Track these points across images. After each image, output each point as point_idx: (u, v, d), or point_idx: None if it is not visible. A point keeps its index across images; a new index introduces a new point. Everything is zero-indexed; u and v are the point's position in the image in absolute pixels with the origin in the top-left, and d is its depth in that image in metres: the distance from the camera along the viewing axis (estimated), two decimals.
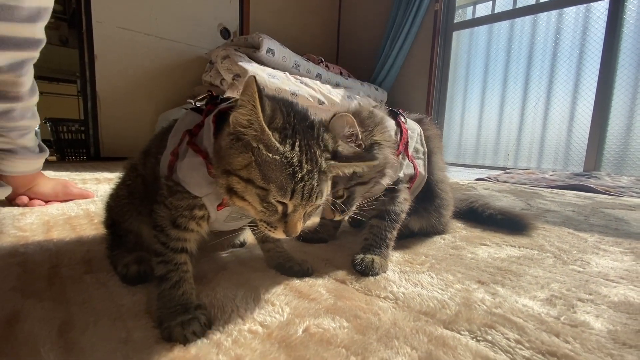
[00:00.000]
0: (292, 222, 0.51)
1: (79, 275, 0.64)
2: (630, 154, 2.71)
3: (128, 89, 2.98)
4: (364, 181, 0.72)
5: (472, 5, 3.53)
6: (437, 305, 0.56)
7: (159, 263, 0.56)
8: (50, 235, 0.87)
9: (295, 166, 0.48)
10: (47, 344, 0.44)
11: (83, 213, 1.10)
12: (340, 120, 0.61)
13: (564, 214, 1.34)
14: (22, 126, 1.07)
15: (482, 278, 0.69)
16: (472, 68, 3.55)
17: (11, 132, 1.05)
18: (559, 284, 0.67)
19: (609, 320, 0.54)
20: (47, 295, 0.56)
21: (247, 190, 0.48)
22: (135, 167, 0.70)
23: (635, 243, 0.97)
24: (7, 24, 0.85)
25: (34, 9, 0.88)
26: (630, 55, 2.66)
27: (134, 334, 0.47)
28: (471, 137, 3.59)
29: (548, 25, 3.07)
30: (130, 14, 2.87)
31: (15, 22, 0.86)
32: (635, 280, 0.70)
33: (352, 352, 0.43)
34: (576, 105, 2.94)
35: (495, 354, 0.44)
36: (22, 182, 1.18)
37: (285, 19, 3.85)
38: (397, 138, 0.81)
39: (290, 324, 0.49)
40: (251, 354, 0.42)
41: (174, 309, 0.50)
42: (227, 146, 0.49)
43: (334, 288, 0.62)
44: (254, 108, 0.45)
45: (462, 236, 0.99)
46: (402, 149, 0.79)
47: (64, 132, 2.94)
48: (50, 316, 0.50)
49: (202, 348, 0.44)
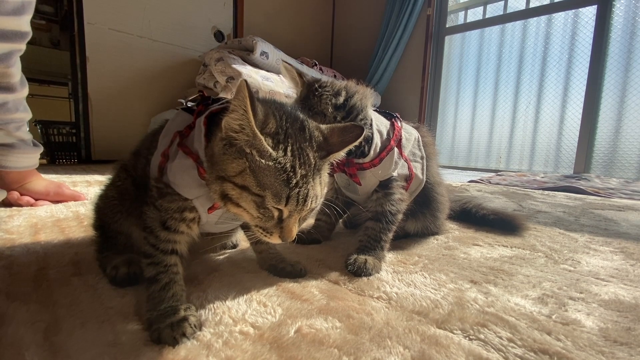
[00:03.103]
0: (287, 228, 0.50)
1: (67, 278, 0.63)
2: (618, 156, 2.76)
3: (120, 91, 2.95)
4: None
5: (463, 10, 3.58)
6: (430, 304, 0.56)
7: (148, 265, 0.55)
8: (37, 238, 0.85)
9: (289, 172, 0.47)
10: (31, 347, 0.42)
11: (72, 215, 1.08)
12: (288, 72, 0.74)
13: (554, 215, 1.36)
14: (18, 118, 1.12)
15: (475, 278, 0.69)
16: (464, 72, 3.59)
17: (9, 124, 1.10)
18: (551, 283, 0.67)
19: (600, 318, 0.54)
20: (33, 297, 0.55)
21: (242, 197, 0.48)
22: (125, 168, 0.69)
23: (624, 243, 0.98)
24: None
25: (19, 2, 0.94)
26: (617, 60, 2.72)
27: (122, 337, 0.46)
28: (464, 139, 3.63)
29: (538, 30, 3.12)
30: (122, 16, 2.85)
31: (1, 16, 0.92)
32: (625, 279, 0.71)
33: (345, 352, 0.43)
34: (566, 108, 2.99)
35: (487, 353, 0.44)
36: (15, 178, 1.18)
37: (279, 22, 3.86)
38: (389, 135, 0.81)
39: (282, 325, 0.49)
40: (242, 355, 0.42)
41: (163, 311, 0.49)
42: (220, 152, 0.48)
43: (327, 289, 0.62)
44: (245, 113, 0.45)
45: (455, 237, 0.99)
46: (393, 144, 0.79)
47: (54, 134, 2.90)
48: (36, 319, 0.49)
49: (192, 350, 0.43)
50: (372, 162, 0.78)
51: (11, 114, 1.08)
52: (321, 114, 0.72)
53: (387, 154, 0.79)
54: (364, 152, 0.77)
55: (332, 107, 0.72)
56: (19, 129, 1.14)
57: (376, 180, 0.81)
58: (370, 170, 0.79)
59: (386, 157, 0.79)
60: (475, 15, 3.51)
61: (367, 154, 0.77)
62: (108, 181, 0.71)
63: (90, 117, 2.86)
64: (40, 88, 4.56)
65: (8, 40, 0.97)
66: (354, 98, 0.75)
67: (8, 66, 1.01)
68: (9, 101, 1.07)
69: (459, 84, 3.63)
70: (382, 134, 0.81)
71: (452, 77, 3.67)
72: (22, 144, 1.16)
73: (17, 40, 0.99)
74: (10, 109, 1.08)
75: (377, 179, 0.81)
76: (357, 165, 0.78)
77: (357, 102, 0.75)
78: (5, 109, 1.06)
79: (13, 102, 1.08)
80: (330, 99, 0.73)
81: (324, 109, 0.72)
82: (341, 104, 0.74)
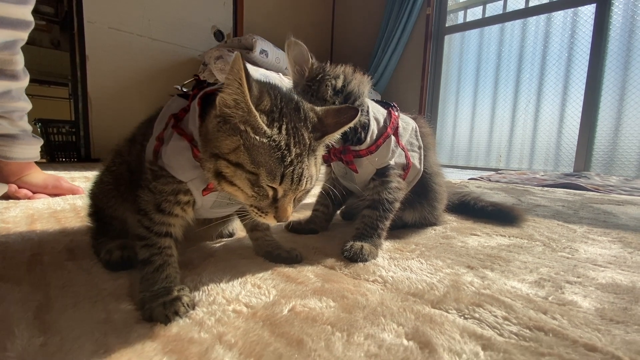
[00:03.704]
0: (282, 207, 0.50)
1: (61, 262, 0.62)
2: (618, 154, 2.75)
3: (120, 90, 2.96)
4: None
5: (463, 9, 3.59)
6: (426, 287, 0.56)
7: (142, 247, 0.55)
8: (33, 227, 0.85)
9: (283, 150, 0.47)
10: (21, 324, 0.42)
11: (69, 207, 1.08)
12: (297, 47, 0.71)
13: (553, 209, 1.35)
14: (21, 107, 1.15)
15: (472, 263, 0.68)
16: (463, 71, 3.59)
17: (13, 112, 1.13)
18: (548, 269, 0.67)
19: (597, 300, 0.53)
20: (26, 280, 0.55)
21: (236, 174, 0.47)
22: (120, 153, 0.69)
23: (623, 233, 0.98)
24: (2, 5, 0.96)
25: None
26: (616, 58, 2.72)
27: (114, 315, 0.45)
28: (464, 138, 3.62)
29: (537, 28, 3.12)
30: (122, 15, 2.86)
31: (9, 4, 0.97)
32: (622, 265, 0.70)
33: (338, 328, 0.42)
34: (565, 107, 2.98)
35: (482, 330, 0.43)
36: (14, 170, 1.19)
37: (279, 21, 3.87)
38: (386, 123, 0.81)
39: (276, 304, 0.48)
40: (234, 332, 0.41)
41: (156, 291, 0.49)
42: (214, 129, 0.48)
43: (323, 273, 0.62)
44: (240, 86, 0.44)
45: (453, 227, 0.99)
46: (390, 131, 0.79)
47: (54, 133, 2.90)
48: (28, 299, 0.48)
49: (184, 327, 0.43)
50: (368, 149, 0.78)
51: (15, 102, 1.12)
52: (322, 99, 0.72)
53: (383, 140, 0.79)
54: (361, 138, 0.77)
55: (332, 90, 0.72)
56: (21, 118, 1.17)
57: (373, 168, 0.81)
58: (367, 157, 0.79)
59: (383, 144, 0.78)
60: (474, 15, 3.51)
61: (363, 141, 0.77)
62: (103, 166, 0.71)
63: (90, 115, 2.86)
64: (40, 88, 4.57)
65: (14, 28, 1.01)
66: (352, 84, 0.76)
67: (13, 53, 1.06)
68: (13, 89, 1.10)
69: (458, 83, 3.63)
70: (379, 121, 0.80)
71: (452, 76, 3.67)
72: (24, 135, 1.18)
73: (22, 29, 1.04)
74: (14, 97, 1.11)
75: (374, 166, 0.80)
76: (353, 152, 0.78)
77: (354, 88, 0.75)
78: (9, 96, 1.10)
79: (16, 90, 1.12)
80: (330, 81, 0.73)
81: (324, 93, 0.72)
82: (339, 89, 0.74)
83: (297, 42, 0.73)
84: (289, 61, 0.76)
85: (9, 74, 1.08)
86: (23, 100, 1.16)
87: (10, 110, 1.13)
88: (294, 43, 0.73)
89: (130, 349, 0.38)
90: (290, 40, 0.73)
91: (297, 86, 0.76)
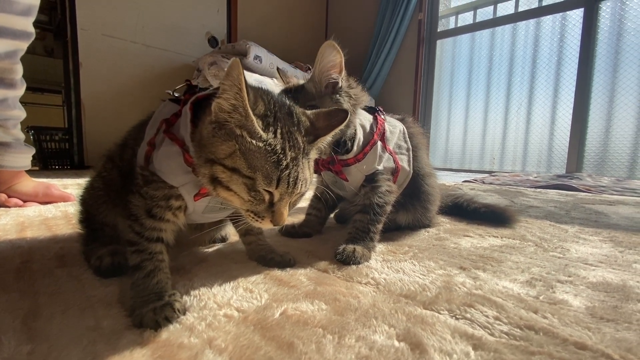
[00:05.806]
0: (279, 211, 0.50)
1: (50, 270, 0.62)
2: (609, 155, 2.78)
3: (113, 97, 2.95)
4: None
5: (454, 15, 3.64)
6: (418, 288, 0.56)
7: (133, 252, 0.54)
8: (23, 234, 0.84)
9: (279, 154, 0.47)
10: (9, 332, 0.41)
11: (61, 214, 1.07)
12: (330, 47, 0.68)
13: (546, 209, 1.36)
14: (15, 115, 1.16)
15: (464, 265, 0.68)
16: (456, 75, 3.63)
17: (8, 121, 1.14)
18: (539, 268, 0.67)
19: (587, 299, 0.54)
20: (14, 287, 0.54)
21: (232, 179, 0.47)
22: (111, 159, 0.68)
23: (614, 232, 0.99)
24: (7, 16, 1.00)
25: (26, 5, 1.03)
26: (605, 61, 2.77)
27: (104, 322, 0.45)
28: (457, 142, 3.65)
29: (527, 33, 3.17)
30: (116, 22, 2.86)
31: (13, 15, 1.01)
32: (613, 264, 0.71)
33: (329, 331, 0.42)
34: (556, 109, 3.02)
35: (473, 330, 0.43)
36: (4, 179, 1.19)
37: (272, 27, 3.90)
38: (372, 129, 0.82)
39: (268, 308, 0.48)
40: (224, 336, 0.41)
41: (147, 297, 0.49)
42: (209, 134, 0.48)
43: (315, 276, 0.61)
44: (239, 92, 0.44)
45: (446, 229, 0.99)
46: (377, 138, 0.80)
47: (47, 140, 2.88)
48: (15, 306, 0.48)
49: (174, 332, 0.42)
50: (356, 157, 0.78)
51: (10, 110, 1.13)
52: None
53: (370, 148, 0.79)
54: (348, 148, 0.78)
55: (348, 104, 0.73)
56: (15, 126, 1.17)
57: (362, 176, 0.81)
58: (355, 165, 0.79)
59: (370, 151, 0.79)
60: (465, 20, 3.56)
61: (350, 150, 0.78)
62: (94, 172, 0.70)
63: (83, 122, 2.85)
64: (34, 96, 4.54)
65: (16, 38, 1.05)
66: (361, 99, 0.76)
67: (14, 63, 1.08)
68: (9, 97, 1.12)
69: (451, 87, 3.67)
70: (365, 128, 0.81)
71: (445, 80, 3.71)
72: (16, 143, 1.18)
73: (24, 39, 1.07)
74: (10, 106, 1.12)
75: (362, 173, 0.81)
76: (341, 162, 0.79)
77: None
78: (5, 105, 1.11)
79: (12, 99, 1.13)
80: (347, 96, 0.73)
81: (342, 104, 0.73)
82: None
83: (337, 50, 0.69)
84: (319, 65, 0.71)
85: (8, 82, 1.09)
86: (18, 109, 1.16)
87: (5, 118, 1.13)
88: (334, 48, 0.68)
89: (118, 356, 0.38)
90: (330, 44, 0.68)
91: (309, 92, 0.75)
